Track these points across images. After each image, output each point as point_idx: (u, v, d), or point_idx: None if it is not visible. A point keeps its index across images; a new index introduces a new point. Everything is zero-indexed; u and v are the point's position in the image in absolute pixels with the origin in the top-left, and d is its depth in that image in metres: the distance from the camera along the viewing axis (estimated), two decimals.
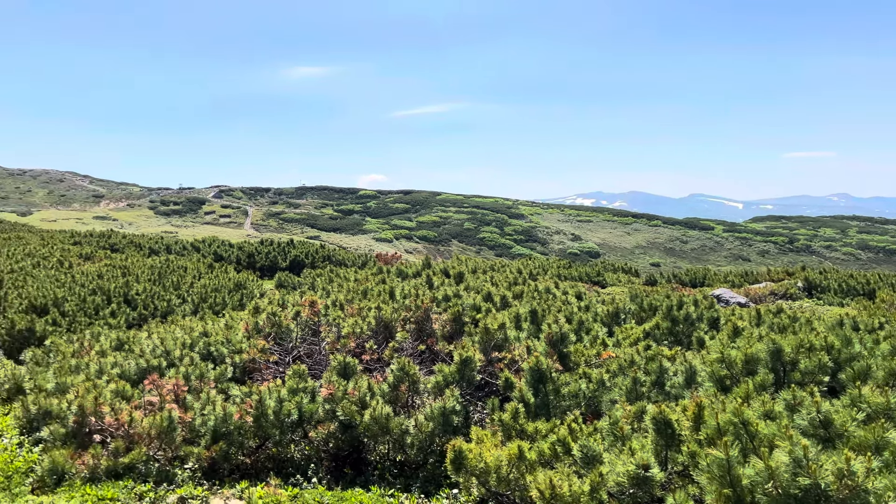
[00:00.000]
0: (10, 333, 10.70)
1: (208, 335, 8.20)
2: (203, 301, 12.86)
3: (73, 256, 18.86)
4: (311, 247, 24.96)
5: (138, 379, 7.06)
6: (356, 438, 5.88)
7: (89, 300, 12.29)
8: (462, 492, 4.76)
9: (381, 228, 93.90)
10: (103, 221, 77.01)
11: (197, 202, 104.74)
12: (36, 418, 6.49)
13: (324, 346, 7.80)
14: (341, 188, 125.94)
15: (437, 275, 10.57)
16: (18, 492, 5.25)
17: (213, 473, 5.71)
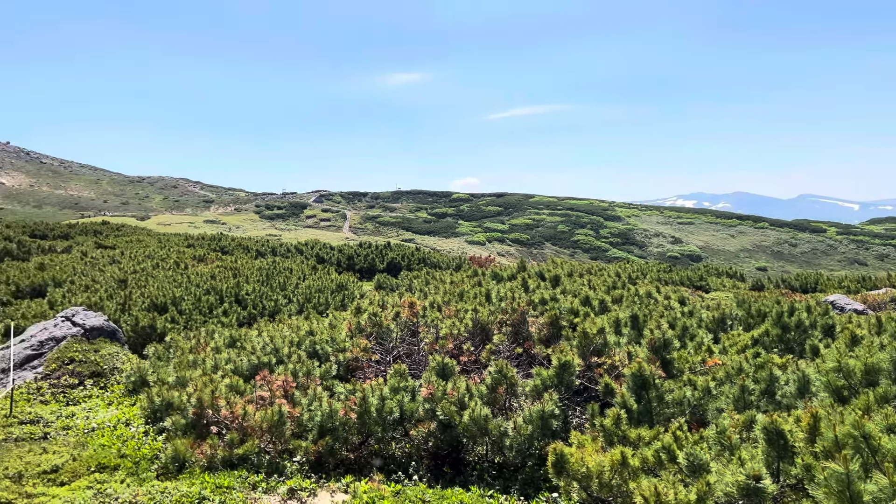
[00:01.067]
0: (134, 329, 11.57)
1: (314, 334, 8.56)
2: (307, 301, 13.40)
3: (187, 258, 20.11)
4: (407, 249, 25.44)
5: (250, 374, 7.47)
6: (455, 438, 5.98)
7: (204, 299, 13.10)
8: (562, 496, 4.76)
9: (473, 231, 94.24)
10: (213, 225, 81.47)
11: (299, 206, 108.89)
12: (159, 409, 6.99)
13: (422, 347, 7.97)
14: (435, 192, 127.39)
15: (532, 278, 10.55)
16: (145, 477, 5.68)
17: (320, 467, 5.95)
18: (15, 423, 7.32)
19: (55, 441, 6.75)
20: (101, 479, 5.52)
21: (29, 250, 24.36)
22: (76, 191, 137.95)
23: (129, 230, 34.77)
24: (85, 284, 16.02)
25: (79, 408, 7.95)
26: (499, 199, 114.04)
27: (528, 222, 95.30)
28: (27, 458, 6.10)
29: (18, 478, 5.68)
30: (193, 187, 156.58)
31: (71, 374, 8.86)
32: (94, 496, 5.09)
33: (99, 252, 22.75)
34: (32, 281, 17.28)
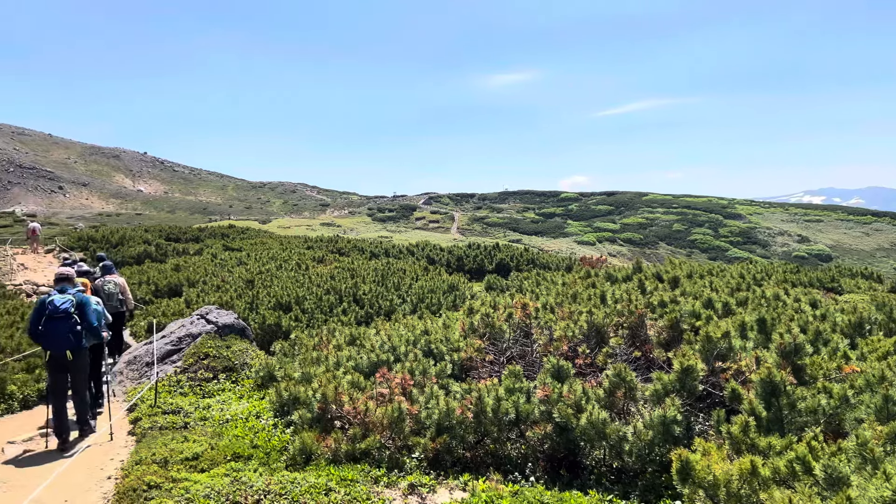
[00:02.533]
0: (261, 327, 12.27)
1: (428, 333, 8.74)
2: (421, 301, 13.70)
3: (307, 260, 21.05)
4: (516, 250, 25.39)
5: (369, 371, 7.74)
6: (572, 441, 5.92)
7: (324, 299, 13.69)
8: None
9: (582, 231, 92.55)
10: (329, 227, 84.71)
11: (408, 209, 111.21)
12: (286, 403, 7.38)
13: (536, 349, 7.95)
14: (542, 191, 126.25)
15: (649, 279, 10.25)
16: (276, 467, 6.02)
17: (437, 464, 6.08)
18: (159, 413, 7.96)
19: (194, 430, 7.29)
20: (237, 468, 5.90)
21: (165, 252, 26.37)
22: (204, 196, 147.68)
23: (253, 233, 36.83)
24: (216, 284, 17.15)
25: (213, 400, 8.53)
26: (609, 198, 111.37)
27: (641, 221, 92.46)
28: (171, 446, 6.62)
29: (164, 463, 6.18)
30: (311, 192, 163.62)
31: (206, 369, 9.53)
32: (231, 483, 5.45)
33: (227, 254, 24.26)
34: (169, 281, 18.70)
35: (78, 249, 28.08)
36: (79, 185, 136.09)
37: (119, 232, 31.31)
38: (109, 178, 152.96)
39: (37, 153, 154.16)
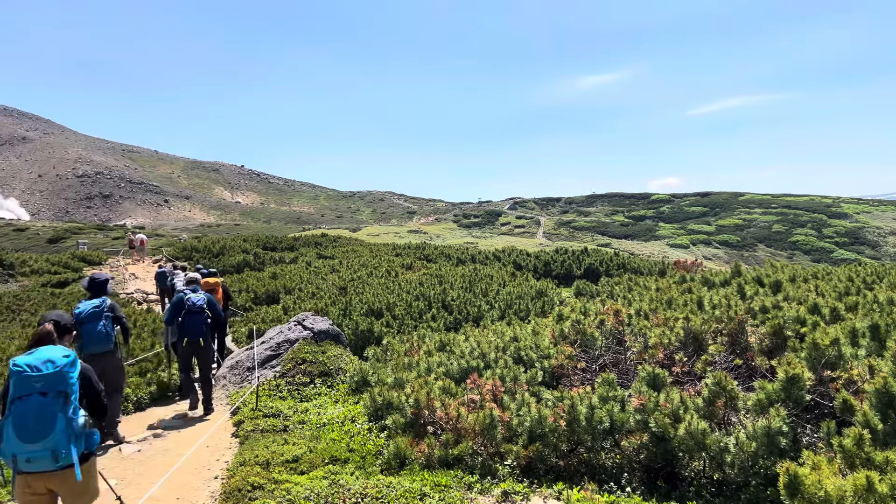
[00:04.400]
0: (354, 333, 12.60)
1: (518, 340, 8.71)
2: (508, 307, 13.68)
3: (397, 267, 21.45)
4: (605, 255, 24.90)
5: (460, 378, 7.80)
6: (669, 452, 5.75)
7: (414, 305, 13.91)
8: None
9: (675, 234, 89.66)
10: (416, 235, 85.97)
11: (494, 214, 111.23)
12: (380, 408, 7.54)
13: (629, 356, 7.78)
14: (632, 194, 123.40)
15: (748, 283, 9.82)
16: (371, 471, 6.16)
17: (530, 472, 6.04)
18: (260, 416, 8.30)
19: (293, 433, 7.56)
20: (334, 471, 6.09)
21: (263, 261, 27.51)
22: (298, 206, 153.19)
23: (344, 241, 37.86)
24: (311, 292, 17.75)
25: (311, 404, 8.81)
26: (703, 199, 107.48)
27: (738, 223, 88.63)
28: (272, 448, 6.89)
29: (266, 465, 6.44)
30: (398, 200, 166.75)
31: (303, 374, 9.86)
32: (330, 486, 5.62)
33: (320, 262, 25.06)
34: (267, 289, 19.50)
35: (183, 259, 29.74)
36: (182, 197, 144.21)
37: (220, 242, 32.91)
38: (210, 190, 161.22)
39: (144, 169, 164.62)
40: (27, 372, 3.98)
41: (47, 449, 3.88)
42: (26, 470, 3.92)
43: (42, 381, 3.97)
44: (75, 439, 4.01)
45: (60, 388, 4.00)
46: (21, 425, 3.86)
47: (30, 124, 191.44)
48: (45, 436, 3.87)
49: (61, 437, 3.92)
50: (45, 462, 3.90)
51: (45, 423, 3.88)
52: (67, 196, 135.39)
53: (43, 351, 4.14)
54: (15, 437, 3.85)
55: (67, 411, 3.99)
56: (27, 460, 3.87)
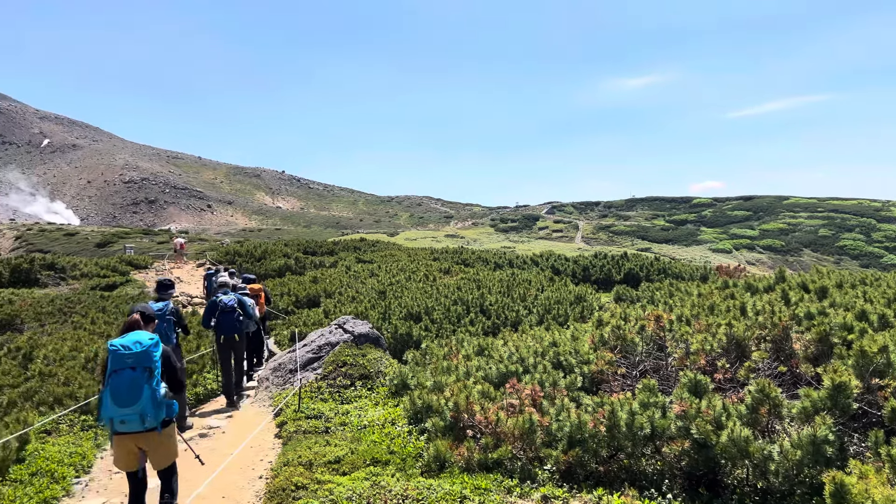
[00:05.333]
0: (393, 336, 12.73)
1: (556, 345, 8.71)
2: (547, 312, 13.64)
3: (434, 271, 21.56)
4: (646, 259, 24.62)
5: (499, 382, 7.83)
6: (711, 459, 5.70)
7: (452, 309, 13.98)
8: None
9: (717, 238, 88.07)
10: (453, 239, 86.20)
11: (531, 218, 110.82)
12: (420, 411, 7.62)
13: (670, 362, 7.71)
14: (672, 197, 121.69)
15: (793, 289, 9.64)
16: (412, 473, 6.24)
17: (570, 477, 6.04)
18: (302, 418, 8.46)
19: (335, 435, 7.69)
20: (376, 472, 6.18)
21: (304, 265, 27.93)
22: (336, 211, 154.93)
23: (382, 246, 38.19)
24: (351, 295, 17.98)
25: (351, 406, 8.95)
26: (746, 203, 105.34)
27: (783, 227, 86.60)
28: (314, 449, 7.03)
29: (309, 465, 6.57)
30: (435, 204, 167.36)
31: (344, 376, 10.01)
32: (371, 487, 5.72)
33: (360, 266, 25.33)
34: (308, 292, 19.81)
35: (226, 263, 30.37)
36: (224, 203, 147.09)
37: (261, 247, 33.51)
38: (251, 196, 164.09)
39: (188, 175, 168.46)
40: (120, 351, 4.91)
41: (136, 413, 4.81)
42: (120, 430, 4.91)
43: (132, 359, 4.88)
44: (158, 407, 4.93)
45: (146, 365, 4.92)
46: (116, 394, 4.80)
47: (79, 132, 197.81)
48: (134, 402, 4.80)
49: (147, 404, 4.84)
50: (135, 424, 4.87)
51: (134, 393, 4.81)
52: (115, 201, 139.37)
53: (132, 335, 5.08)
54: (112, 403, 4.80)
55: (152, 383, 4.91)
56: (121, 422, 4.84)
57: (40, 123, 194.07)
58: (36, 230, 68.95)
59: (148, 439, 5.03)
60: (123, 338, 5.06)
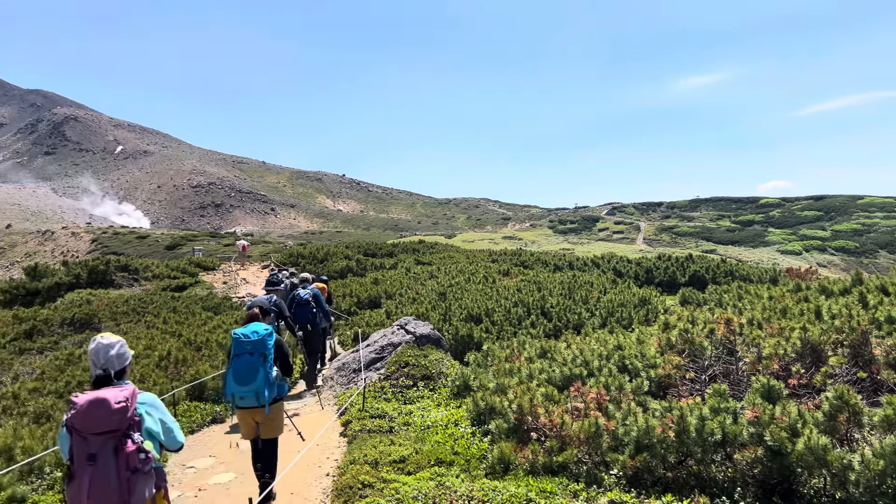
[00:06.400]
0: (454, 338, 12.78)
1: (621, 348, 8.58)
2: (610, 315, 13.45)
3: (494, 273, 21.53)
4: (711, 261, 23.96)
5: (562, 385, 7.77)
6: (786, 467, 5.51)
7: (513, 311, 13.94)
8: None
9: (786, 239, 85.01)
10: (510, 241, 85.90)
11: (591, 220, 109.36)
12: (483, 412, 7.63)
13: (741, 367, 7.50)
14: (738, 197, 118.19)
15: (871, 292, 9.23)
16: (476, 474, 6.25)
17: (636, 482, 5.94)
18: (367, 417, 8.59)
19: (399, 435, 7.77)
20: (440, 473, 6.22)
21: (365, 267, 28.33)
22: (395, 214, 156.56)
23: (440, 247, 38.36)
24: (411, 297, 18.13)
25: (414, 406, 9.03)
26: (817, 203, 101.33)
27: (857, 227, 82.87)
28: (379, 448, 7.12)
29: (375, 464, 6.66)
30: (493, 206, 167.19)
31: (406, 377, 10.11)
32: (436, 487, 5.76)
33: (419, 268, 25.53)
34: (370, 294, 20.09)
35: (289, 265, 31.07)
36: (287, 206, 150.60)
37: (323, 249, 34.15)
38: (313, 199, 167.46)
39: (253, 179, 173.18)
40: (241, 339, 5.80)
41: (252, 391, 5.69)
42: (240, 405, 5.85)
43: (250, 345, 5.77)
44: (270, 387, 5.79)
45: (261, 351, 5.79)
46: (237, 374, 5.71)
47: (150, 138, 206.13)
48: (251, 382, 5.68)
49: (261, 384, 5.71)
50: (251, 400, 5.75)
51: (251, 374, 5.69)
52: (183, 205, 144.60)
53: (252, 325, 5.97)
54: (233, 381, 5.72)
55: (266, 367, 5.78)
56: (241, 398, 5.76)
57: (114, 131, 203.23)
58: (110, 233, 72.20)
59: (261, 414, 5.89)
60: (244, 328, 5.95)
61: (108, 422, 3.38)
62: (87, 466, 3.33)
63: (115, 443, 3.40)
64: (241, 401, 5.80)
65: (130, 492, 3.37)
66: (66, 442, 3.43)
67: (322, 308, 11.40)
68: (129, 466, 3.39)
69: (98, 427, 3.37)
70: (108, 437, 3.39)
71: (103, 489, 3.31)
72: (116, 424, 3.40)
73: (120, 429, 3.41)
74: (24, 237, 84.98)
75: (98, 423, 3.37)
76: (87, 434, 3.36)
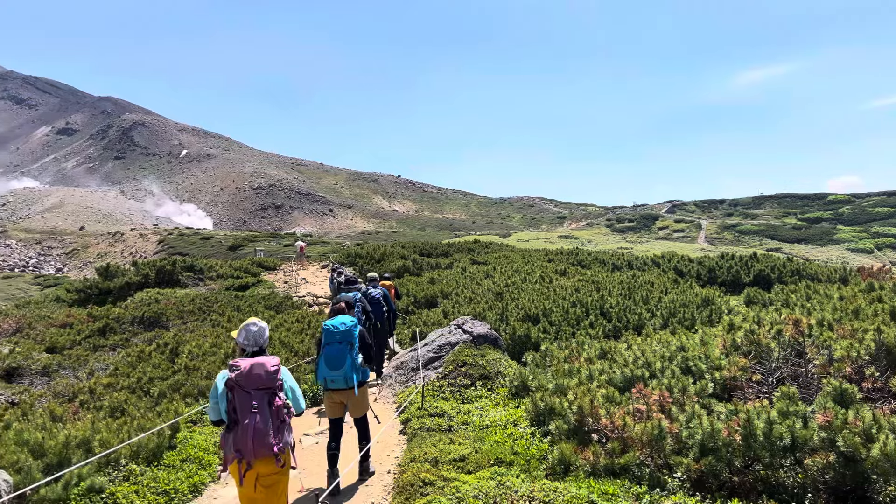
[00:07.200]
0: (511, 338, 12.74)
1: (684, 350, 8.41)
2: (672, 315, 13.16)
3: (550, 272, 21.36)
4: (777, 260, 23.18)
5: (623, 387, 7.66)
6: (860, 474, 5.31)
7: (571, 312, 13.80)
8: None
9: (856, 237, 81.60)
10: (566, 240, 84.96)
11: (650, 218, 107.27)
12: (542, 413, 7.59)
13: (811, 369, 7.25)
14: (805, 194, 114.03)
15: None
16: (536, 475, 6.23)
17: (701, 486, 5.82)
18: (426, 415, 8.65)
19: (458, 434, 7.81)
20: (500, 472, 6.23)
21: (421, 267, 28.53)
22: (450, 214, 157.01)
23: (495, 247, 38.27)
24: (468, 297, 18.17)
25: (472, 406, 9.05)
26: (890, 199, 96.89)
27: None
28: (439, 447, 7.17)
29: (435, 462, 6.72)
30: (548, 205, 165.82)
31: (464, 376, 10.14)
32: (497, 486, 5.77)
33: (475, 268, 25.54)
34: (426, 293, 20.22)
35: (347, 265, 31.54)
36: (345, 207, 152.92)
37: (380, 249, 34.54)
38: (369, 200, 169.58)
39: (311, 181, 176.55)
40: (331, 329, 6.60)
41: (341, 375, 6.51)
42: (331, 388, 6.63)
43: (339, 335, 6.58)
44: (356, 371, 6.62)
45: (349, 340, 6.61)
46: (328, 360, 6.52)
47: (213, 142, 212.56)
48: (340, 367, 6.50)
49: (349, 368, 6.54)
50: (340, 383, 6.54)
51: (340, 360, 6.51)
52: (245, 207, 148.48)
53: (339, 317, 6.75)
54: (325, 367, 6.53)
55: (352, 354, 6.59)
56: (331, 381, 6.54)
57: (179, 135, 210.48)
58: (176, 234, 74.82)
59: (348, 395, 6.72)
60: (333, 320, 6.73)
61: (266, 380, 4.52)
62: (250, 414, 4.42)
63: (269, 397, 4.52)
64: (332, 383, 6.56)
65: (280, 436, 4.51)
66: (226, 399, 4.52)
67: (390, 306, 12.32)
68: (279, 417, 4.55)
69: (258, 384, 4.49)
70: (265, 393, 4.51)
71: (262, 432, 4.39)
72: (270, 383, 4.54)
73: (272, 387, 4.55)
74: (96, 238, 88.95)
75: (258, 381, 4.50)
76: (251, 389, 4.46)
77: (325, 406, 6.91)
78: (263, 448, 4.38)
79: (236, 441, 4.39)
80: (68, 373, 12.88)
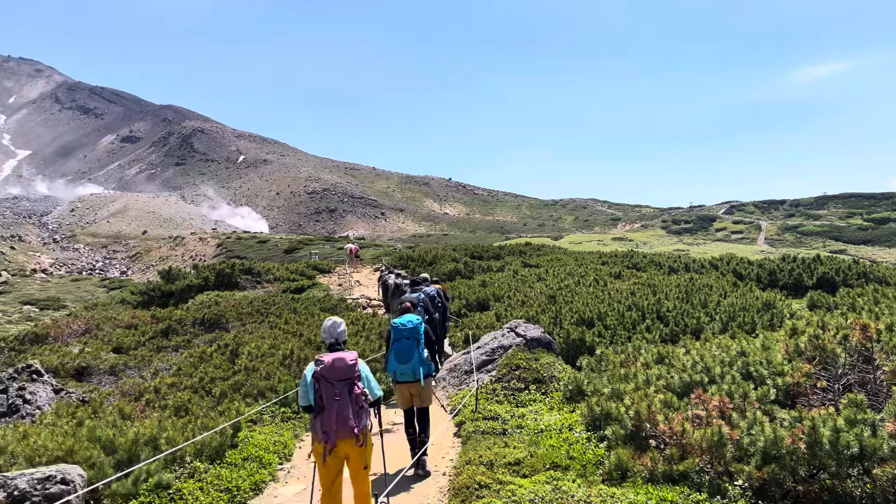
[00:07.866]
0: (565, 342, 12.65)
1: (745, 355, 8.21)
2: (731, 320, 12.84)
3: (604, 275, 21.10)
4: (842, 262, 22.35)
5: (682, 392, 7.53)
6: None
7: (626, 315, 13.62)
8: None
9: None
10: (620, 242, 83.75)
11: (707, 219, 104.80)
12: (598, 418, 7.53)
13: (879, 376, 6.99)
14: (872, 193, 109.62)
15: None
16: (592, 480, 6.18)
17: (763, 495, 5.68)
18: (479, 418, 8.68)
19: (512, 437, 7.82)
20: (556, 477, 6.20)
21: (472, 269, 28.56)
22: (500, 216, 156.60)
23: (547, 250, 38.00)
24: (520, 300, 18.11)
25: (526, 409, 9.03)
26: None
27: None
28: (494, 450, 7.20)
29: (490, 465, 6.74)
30: (601, 206, 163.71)
31: (518, 379, 10.13)
32: (553, 490, 5.76)
33: (526, 270, 25.43)
34: (478, 296, 20.24)
35: (399, 267, 31.82)
36: (396, 210, 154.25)
37: (432, 252, 34.73)
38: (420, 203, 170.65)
39: (364, 184, 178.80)
40: (400, 327, 7.25)
41: (409, 369, 7.13)
42: (400, 380, 7.24)
43: (406, 332, 7.22)
44: (423, 365, 7.20)
45: (416, 336, 7.24)
46: (398, 355, 7.15)
47: (269, 148, 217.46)
48: (408, 361, 7.12)
49: (416, 362, 7.15)
50: (408, 376, 7.16)
51: (408, 355, 7.13)
52: (300, 211, 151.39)
53: (406, 316, 7.46)
54: (395, 361, 7.16)
55: (419, 349, 7.21)
56: (401, 374, 7.18)
57: (236, 141, 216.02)
58: (234, 238, 76.82)
59: (416, 387, 7.24)
60: (400, 318, 7.39)
61: (346, 372, 5.32)
62: (334, 402, 5.21)
63: (349, 387, 5.31)
64: (401, 376, 7.16)
65: (359, 420, 5.30)
66: (313, 389, 5.33)
67: (444, 305, 12.48)
68: (358, 403, 5.34)
69: (340, 375, 5.29)
70: (345, 383, 5.30)
71: (344, 417, 5.19)
72: (350, 374, 5.33)
73: (351, 377, 5.34)
74: (158, 242, 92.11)
75: (340, 372, 5.30)
76: (333, 380, 5.26)
77: (397, 397, 7.52)
78: (346, 430, 5.17)
79: (323, 424, 5.20)
80: (134, 372, 13.39)
